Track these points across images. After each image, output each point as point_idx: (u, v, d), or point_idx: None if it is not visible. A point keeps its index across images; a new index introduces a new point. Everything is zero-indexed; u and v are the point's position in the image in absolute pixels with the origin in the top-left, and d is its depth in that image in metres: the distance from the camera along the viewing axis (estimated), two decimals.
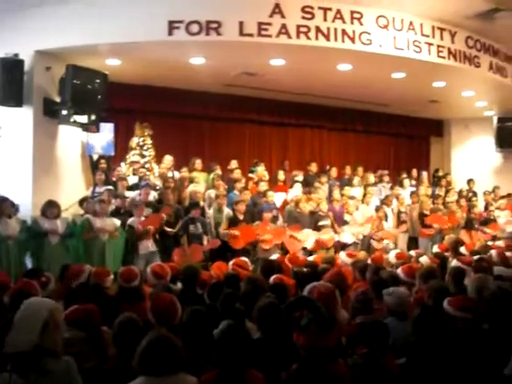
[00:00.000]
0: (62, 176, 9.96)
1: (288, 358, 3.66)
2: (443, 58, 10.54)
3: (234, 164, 12.13)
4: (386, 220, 11.47)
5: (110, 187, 9.91)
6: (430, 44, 10.36)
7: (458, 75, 11.35)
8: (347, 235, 10.76)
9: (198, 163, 11.51)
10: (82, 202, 9.33)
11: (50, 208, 8.29)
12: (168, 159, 11.18)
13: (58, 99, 9.57)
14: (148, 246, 9.01)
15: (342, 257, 7.98)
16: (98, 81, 9.55)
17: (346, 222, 11.00)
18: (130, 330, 3.72)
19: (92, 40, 9.02)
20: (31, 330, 3.05)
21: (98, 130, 10.14)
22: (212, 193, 10.58)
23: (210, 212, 9.92)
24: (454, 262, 7.45)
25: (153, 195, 10.10)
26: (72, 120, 9.48)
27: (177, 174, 11.15)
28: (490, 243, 10.53)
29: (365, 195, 11.86)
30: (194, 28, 8.94)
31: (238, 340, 3.43)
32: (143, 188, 9.87)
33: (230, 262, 7.14)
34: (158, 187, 10.47)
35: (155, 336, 3.28)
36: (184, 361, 3.24)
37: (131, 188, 10.28)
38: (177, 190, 10.47)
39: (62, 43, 9.18)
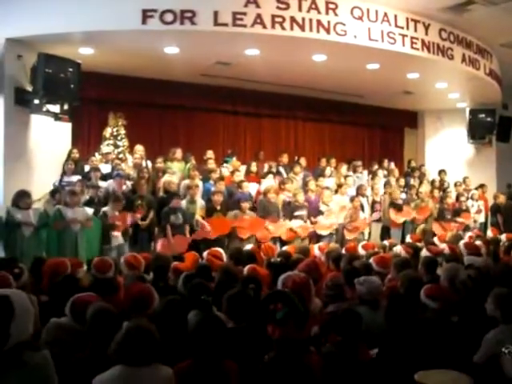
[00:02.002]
0: (35, 166, 9.84)
1: (261, 348, 3.67)
2: (417, 49, 10.61)
3: (209, 154, 12.07)
4: (363, 210, 11.52)
5: (79, 177, 9.82)
6: (404, 36, 10.42)
7: (432, 67, 11.44)
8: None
9: (179, 153, 11.45)
10: (53, 193, 9.25)
11: (23, 198, 8.18)
12: (139, 149, 11.08)
13: (29, 88, 9.43)
14: (118, 238, 9.00)
15: (315, 250, 8.00)
16: (70, 70, 9.42)
17: (321, 213, 11.02)
18: (103, 320, 3.70)
19: (64, 28, 8.90)
20: (28, 320, 3.04)
21: (70, 120, 10.02)
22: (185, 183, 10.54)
23: (183, 202, 9.88)
24: (425, 252, 7.55)
25: (126, 185, 10.04)
26: (44, 109, 9.37)
27: (149, 164, 11.09)
28: (461, 233, 10.69)
29: (340, 186, 11.89)
30: (168, 17, 8.87)
31: (215, 330, 3.45)
32: (116, 179, 9.80)
33: (205, 252, 7.14)
34: (131, 177, 10.39)
35: (134, 325, 3.28)
36: (160, 351, 3.25)
37: (104, 178, 10.19)
38: (151, 181, 10.43)
39: (33, 31, 9.04)
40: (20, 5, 9.04)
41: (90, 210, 8.76)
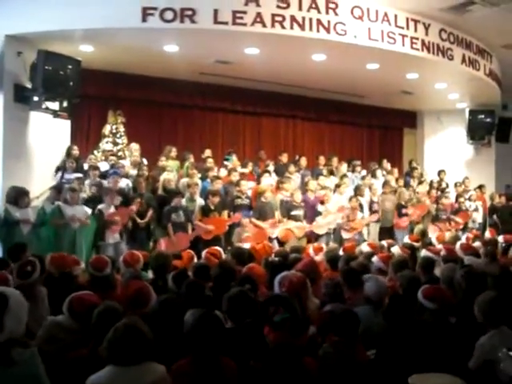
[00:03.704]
0: (34, 163, 9.84)
1: (258, 348, 3.67)
2: (417, 49, 10.62)
3: (207, 153, 12.08)
4: (362, 210, 11.51)
5: (79, 175, 9.81)
6: (404, 36, 10.43)
7: (431, 67, 11.44)
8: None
9: (174, 151, 11.49)
10: (54, 189, 9.27)
11: (22, 197, 8.18)
12: (135, 147, 11.09)
13: (29, 85, 9.44)
14: (115, 235, 8.99)
15: (310, 250, 7.97)
16: (70, 67, 9.42)
17: (319, 213, 10.99)
18: (108, 318, 3.67)
19: (64, 25, 8.89)
20: (22, 317, 3.05)
21: (69, 117, 10.02)
22: (185, 182, 10.54)
23: (183, 201, 9.88)
24: (423, 252, 7.55)
25: (126, 183, 10.03)
26: (44, 106, 9.37)
27: (145, 162, 11.11)
28: (460, 233, 10.69)
29: (339, 186, 11.87)
30: (168, 15, 8.87)
31: (213, 327, 3.45)
32: (111, 176, 9.80)
33: (204, 251, 7.14)
34: (129, 175, 10.40)
35: (122, 324, 3.25)
36: (152, 349, 3.22)
37: (104, 176, 10.18)
38: (152, 179, 10.45)
39: (33, 28, 9.04)
40: (20, 2, 9.04)
41: (88, 209, 8.77)
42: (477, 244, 8.63)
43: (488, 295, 4.15)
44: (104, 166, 10.65)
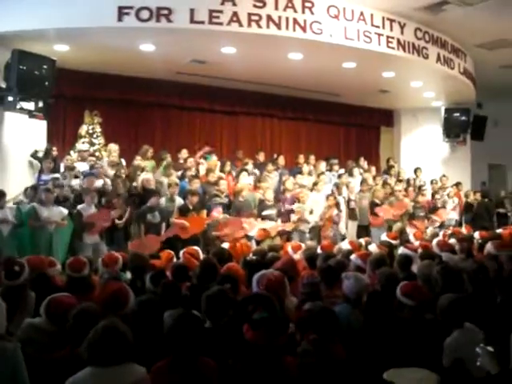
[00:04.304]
0: (9, 164, 9.74)
1: (237, 348, 3.68)
2: (392, 48, 10.71)
3: (184, 153, 12.04)
4: (338, 208, 11.52)
5: (57, 175, 9.73)
6: (380, 35, 10.50)
7: (407, 66, 11.55)
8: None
9: (151, 152, 11.45)
10: (30, 189, 9.18)
11: (2, 198, 8.11)
12: (114, 148, 10.99)
13: (3, 85, 9.34)
14: (94, 236, 8.91)
15: (289, 249, 7.97)
16: (45, 67, 9.37)
17: (293, 211, 10.95)
18: (85, 320, 3.65)
19: (39, 25, 8.84)
20: (1, 315, 3.03)
21: (45, 118, 9.92)
22: (164, 181, 10.49)
23: (162, 200, 9.82)
24: (400, 250, 7.60)
25: (102, 183, 9.94)
26: (18, 107, 9.30)
27: (123, 162, 11.03)
28: (437, 230, 10.78)
29: (316, 183, 11.88)
30: (144, 14, 8.84)
31: (193, 326, 3.44)
32: (87, 177, 9.72)
33: (182, 251, 7.11)
34: (107, 175, 10.31)
35: (102, 325, 3.24)
36: (132, 351, 3.21)
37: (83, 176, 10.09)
38: (128, 179, 10.37)
39: (7, 27, 8.98)
40: None
41: (64, 210, 8.69)
42: (452, 241, 8.70)
43: (445, 299, 4.18)
44: (83, 167, 10.56)
